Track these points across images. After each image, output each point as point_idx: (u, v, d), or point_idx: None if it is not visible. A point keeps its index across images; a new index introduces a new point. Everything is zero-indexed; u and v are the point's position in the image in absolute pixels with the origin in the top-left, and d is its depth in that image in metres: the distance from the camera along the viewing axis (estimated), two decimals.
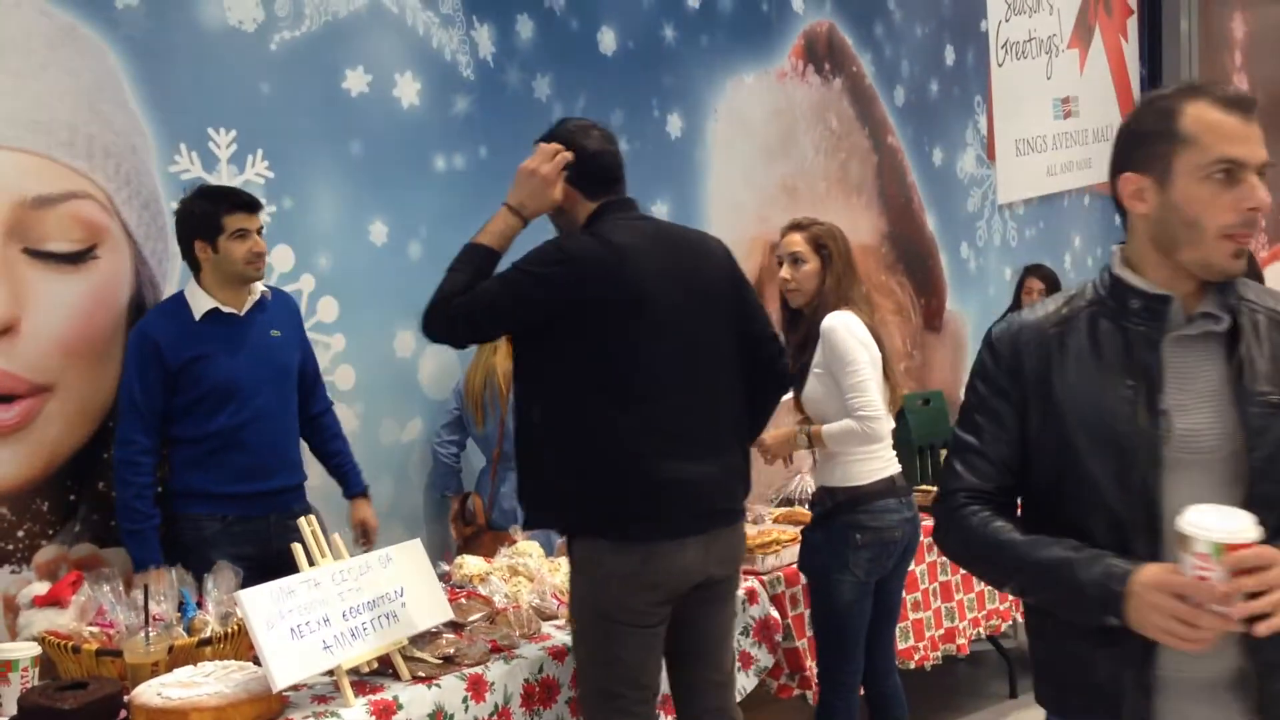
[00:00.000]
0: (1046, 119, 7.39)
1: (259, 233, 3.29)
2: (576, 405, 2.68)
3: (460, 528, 4.14)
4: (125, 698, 2.43)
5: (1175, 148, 1.71)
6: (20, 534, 3.25)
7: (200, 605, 2.82)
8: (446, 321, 2.74)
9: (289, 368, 3.43)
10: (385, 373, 4.06)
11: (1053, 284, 5.59)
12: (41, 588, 2.83)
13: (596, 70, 4.71)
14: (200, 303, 3.26)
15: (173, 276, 3.53)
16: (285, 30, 3.78)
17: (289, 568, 2.55)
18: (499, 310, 2.71)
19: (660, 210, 4.94)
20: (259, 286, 3.38)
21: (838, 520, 3.25)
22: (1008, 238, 6.98)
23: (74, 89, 3.33)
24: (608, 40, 4.76)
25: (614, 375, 2.67)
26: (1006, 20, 7.03)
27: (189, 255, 3.30)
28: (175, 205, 3.36)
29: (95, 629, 2.72)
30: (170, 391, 3.20)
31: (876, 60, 6.05)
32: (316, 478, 3.60)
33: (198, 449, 3.25)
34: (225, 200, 3.26)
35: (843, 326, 3.27)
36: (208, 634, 2.68)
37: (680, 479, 2.66)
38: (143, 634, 2.57)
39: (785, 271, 3.40)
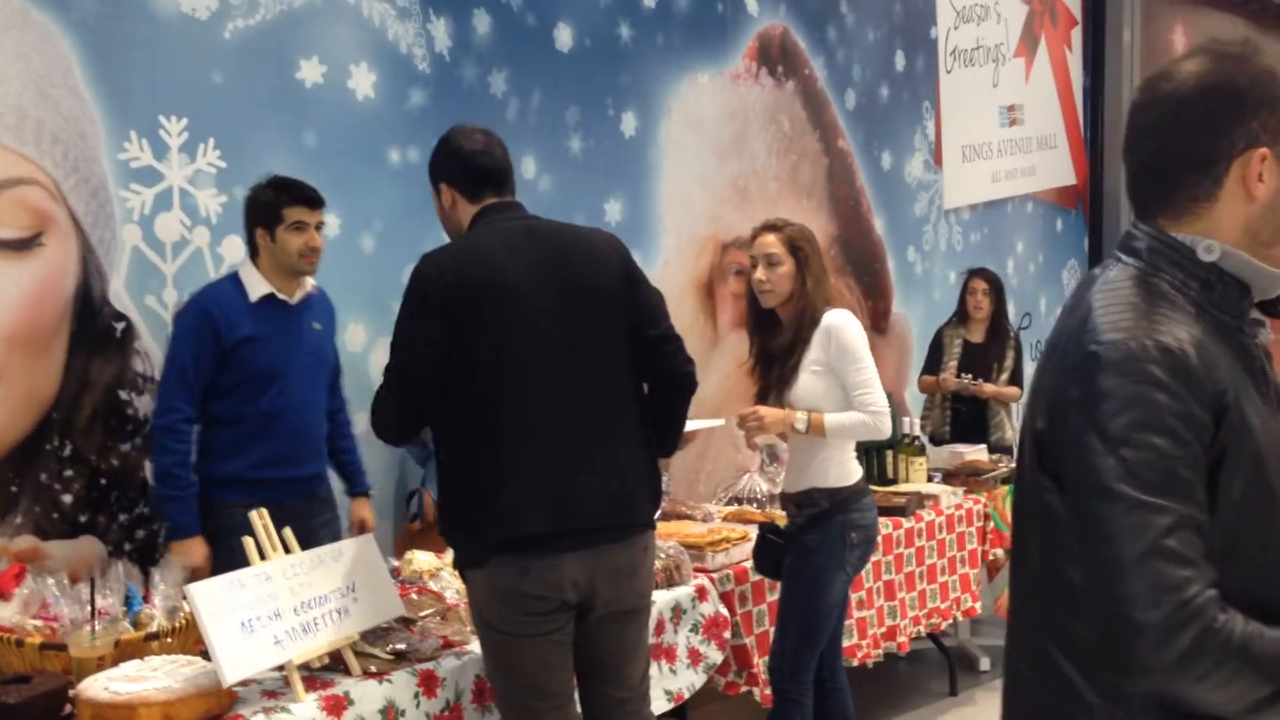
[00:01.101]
0: (993, 126, 7.50)
1: (317, 228, 3.40)
2: (451, 421, 2.65)
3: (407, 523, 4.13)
4: (70, 692, 2.41)
5: None
6: None
7: (146, 599, 2.79)
8: (384, 415, 2.70)
9: (327, 360, 3.54)
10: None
11: (996, 286, 5.68)
12: None
13: (552, 67, 4.71)
14: (256, 286, 3.34)
15: (120, 265, 3.49)
16: (239, 18, 3.74)
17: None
18: (413, 360, 2.62)
19: (613, 209, 4.96)
20: (309, 280, 3.48)
21: (833, 520, 3.28)
22: (953, 242, 7.07)
23: (23, 73, 3.27)
24: (564, 37, 4.76)
25: (477, 386, 2.59)
26: (955, 28, 7.12)
27: (250, 240, 3.39)
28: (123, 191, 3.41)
29: (39, 622, 2.68)
30: (218, 369, 3.26)
31: (829, 64, 6.10)
32: None
33: (234, 431, 3.31)
34: (288, 191, 3.36)
35: (849, 323, 3.32)
36: (154, 628, 2.65)
37: (551, 499, 2.57)
38: (88, 628, 2.54)
39: (760, 273, 3.39)
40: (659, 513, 2.96)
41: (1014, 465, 4.86)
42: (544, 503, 2.56)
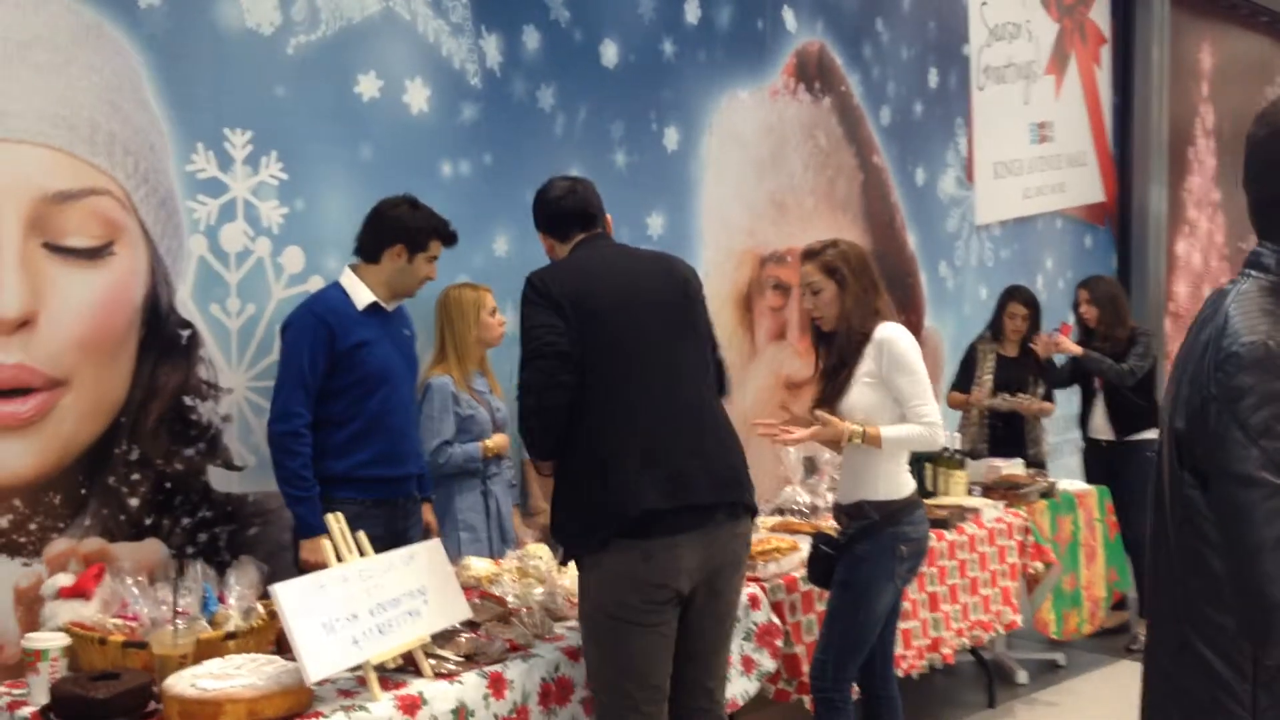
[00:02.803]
0: (1023, 143, 7.56)
1: None
2: (578, 422, 2.80)
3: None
4: (155, 689, 2.47)
5: None
6: (32, 527, 3.26)
7: (221, 600, 2.85)
8: (533, 401, 2.81)
9: (416, 365, 3.70)
10: None
11: (1034, 307, 5.71)
12: (67, 579, 2.86)
13: (598, 82, 4.79)
14: (362, 295, 3.51)
15: (187, 274, 3.56)
16: (301, 34, 3.83)
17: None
18: (545, 331, 2.81)
19: (655, 223, 5.03)
20: None
21: (884, 532, 3.31)
22: (984, 258, 7.12)
23: (96, 86, 3.36)
24: (609, 53, 4.84)
25: (588, 378, 2.79)
26: (988, 45, 7.18)
27: (375, 249, 3.52)
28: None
29: (119, 621, 2.76)
30: (330, 373, 3.40)
31: (864, 80, 6.17)
32: None
33: (344, 431, 3.44)
34: (442, 228, 3.60)
35: (902, 336, 3.38)
36: (231, 628, 2.72)
37: (658, 478, 2.76)
38: (170, 626, 2.60)
39: (807, 303, 3.50)
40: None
41: (1050, 480, 4.91)
42: (658, 480, 2.76)
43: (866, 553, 3.33)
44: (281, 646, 2.76)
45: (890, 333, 3.39)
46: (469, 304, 4.00)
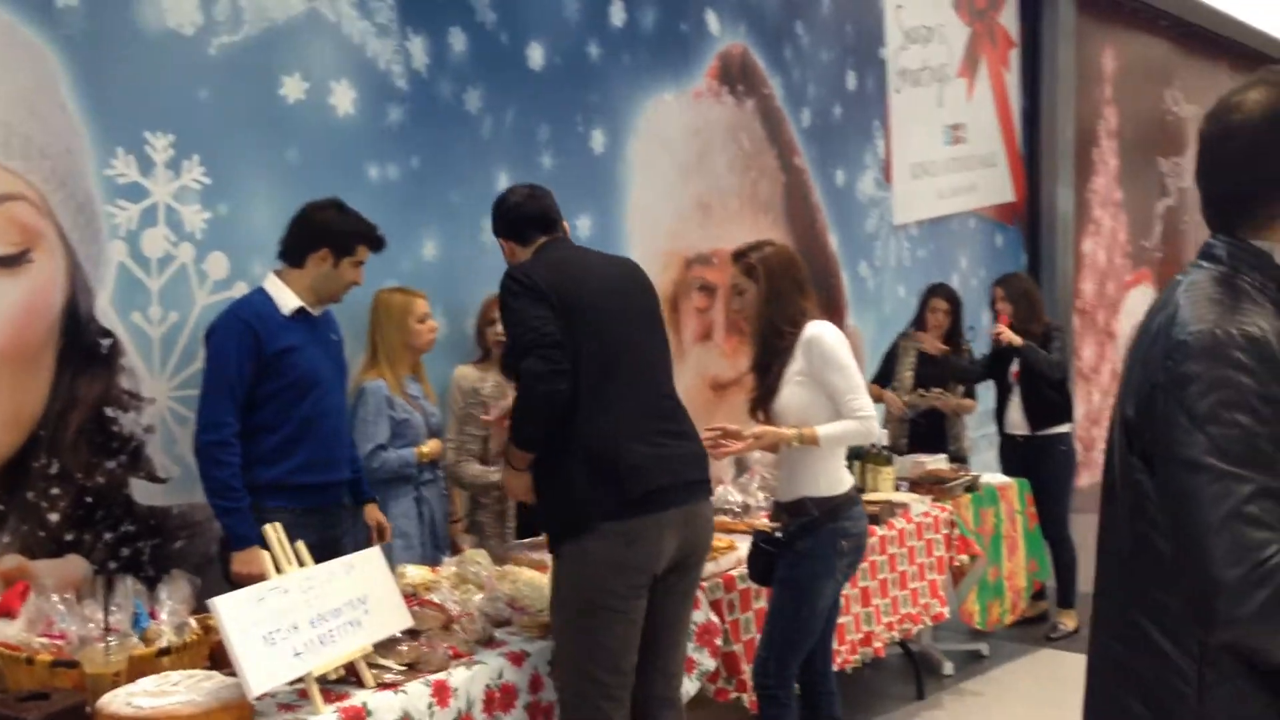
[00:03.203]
0: (938, 144, 7.70)
1: None
2: (566, 409, 2.87)
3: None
4: (88, 709, 2.40)
5: None
6: None
7: (152, 615, 2.78)
8: (532, 388, 2.86)
9: (345, 369, 3.63)
10: None
11: (955, 302, 5.82)
12: None
13: (524, 84, 4.76)
14: (287, 300, 3.42)
15: (108, 282, 3.47)
16: (224, 35, 3.75)
17: (339, 556, 2.81)
18: (540, 322, 2.86)
19: (583, 225, 5.02)
20: None
21: (825, 528, 3.36)
22: (902, 258, 7.23)
23: (11, 89, 3.25)
24: (536, 55, 4.82)
25: (579, 366, 2.87)
26: (903, 49, 7.30)
27: (300, 253, 3.44)
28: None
29: (44, 640, 2.66)
30: (258, 380, 3.31)
31: (785, 83, 6.22)
32: None
33: (275, 437, 3.35)
34: (367, 231, 3.52)
35: (829, 333, 3.43)
36: (164, 644, 2.65)
37: (652, 455, 2.90)
38: (101, 644, 2.53)
39: (735, 304, 3.59)
40: None
41: (973, 474, 5.01)
42: (650, 460, 2.89)
43: (808, 549, 3.37)
44: (217, 661, 2.70)
45: (817, 330, 3.43)
46: (397, 309, 3.96)
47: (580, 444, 2.86)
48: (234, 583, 3.09)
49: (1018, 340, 5.54)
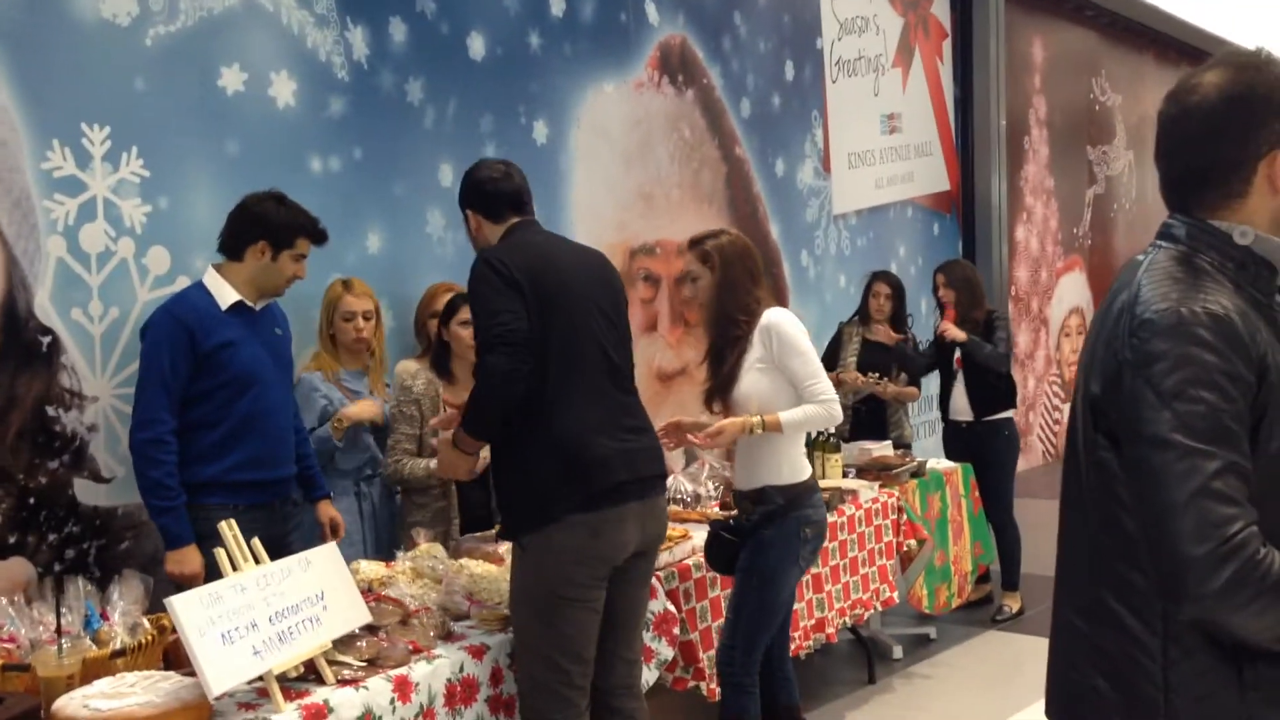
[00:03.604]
0: (875, 134, 7.77)
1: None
2: (528, 401, 2.84)
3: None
4: (42, 713, 2.34)
5: None
6: None
7: (103, 617, 2.72)
8: (492, 381, 2.83)
9: (290, 365, 3.53)
10: None
11: (898, 289, 5.87)
12: None
13: (466, 75, 4.72)
14: (226, 294, 3.32)
15: (46, 278, 3.38)
16: (160, 25, 3.67)
17: (287, 553, 2.72)
18: (510, 317, 2.81)
19: None
20: None
21: (789, 516, 3.36)
22: (842, 246, 7.29)
23: None
24: (477, 45, 4.78)
25: (550, 356, 2.85)
26: (839, 39, 7.35)
27: (238, 246, 3.33)
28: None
29: None
30: (194, 376, 3.22)
31: (725, 73, 6.24)
32: None
33: (214, 434, 3.26)
34: (309, 224, 3.40)
35: (787, 319, 3.44)
36: (118, 645, 2.59)
37: (617, 450, 2.90)
38: (54, 646, 2.47)
39: (685, 291, 3.54)
40: None
41: (920, 460, 5.06)
42: (617, 454, 2.89)
43: (773, 538, 3.37)
44: (172, 661, 2.64)
45: (775, 317, 3.43)
46: (327, 303, 3.96)
47: (546, 437, 2.85)
48: (179, 584, 3.04)
49: (961, 336, 5.60)
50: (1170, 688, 1.58)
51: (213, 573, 2.80)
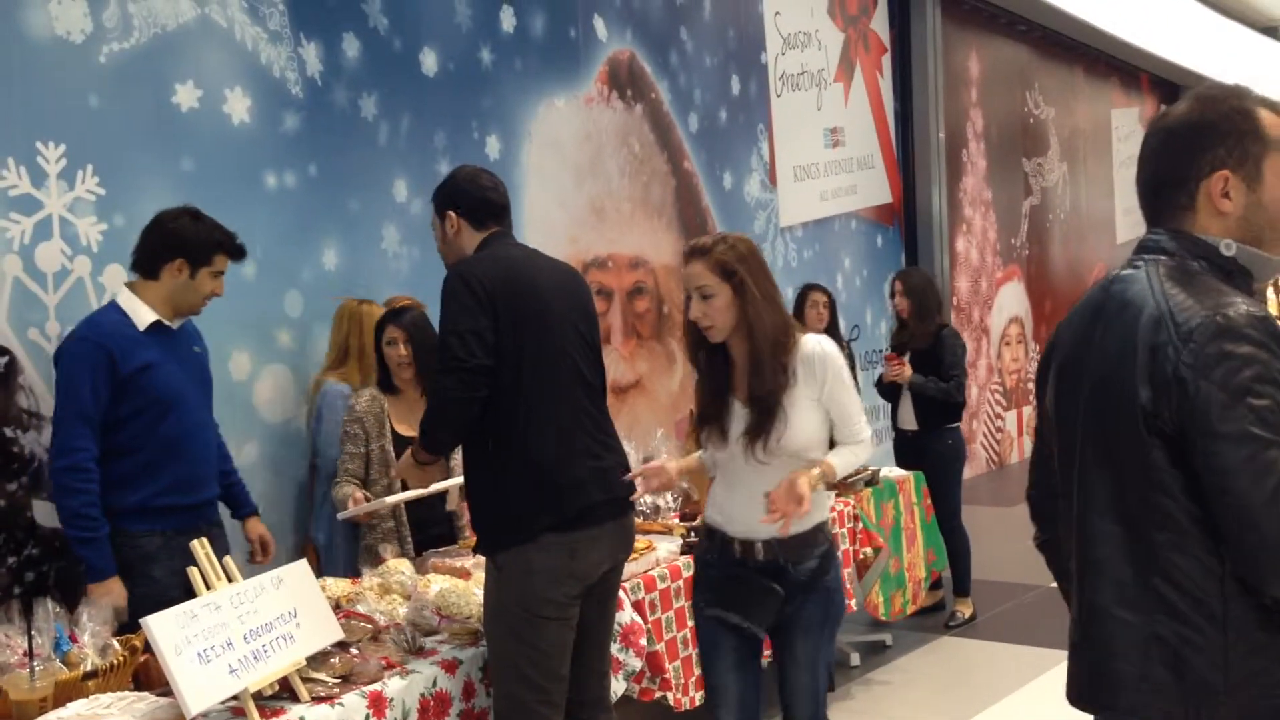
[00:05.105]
0: (818, 147, 7.88)
1: None
2: (503, 420, 2.84)
3: None
4: None
5: (1266, 150, 1.78)
6: None
7: (73, 639, 2.68)
8: (445, 403, 2.83)
9: (210, 384, 3.42)
10: (220, 395, 3.90)
11: (832, 300, 5.97)
12: None
13: (419, 91, 4.73)
14: (143, 314, 3.19)
15: (2, 298, 3.34)
16: (114, 42, 3.64)
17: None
18: (474, 339, 2.78)
19: None
20: None
21: (835, 556, 3.05)
22: (789, 259, 7.37)
23: None
24: (429, 61, 4.79)
25: (523, 374, 2.84)
26: (783, 54, 7.45)
27: (153, 264, 3.20)
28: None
29: None
30: (114, 401, 3.10)
31: (673, 88, 6.30)
32: None
33: (136, 459, 3.15)
34: (226, 241, 3.28)
35: (834, 349, 2.92)
36: (89, 667, 2.56)
37: (593, 470, 2.91)
38: (25, 669, 2.44)
39: (695, 310, 2.87)
40: None
41: (873, 469, 5.09)
42: (591, 474, 2.90)
43: (836, 582, 3.01)
44: (142, 683, 2.62)
45: (821, 345, 2.90)
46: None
47: (522, 455, 2.84)
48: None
49: (907, 376, 5.69)
50: (1230, 665, 1.69)
51: (141, 598, 2.86)
